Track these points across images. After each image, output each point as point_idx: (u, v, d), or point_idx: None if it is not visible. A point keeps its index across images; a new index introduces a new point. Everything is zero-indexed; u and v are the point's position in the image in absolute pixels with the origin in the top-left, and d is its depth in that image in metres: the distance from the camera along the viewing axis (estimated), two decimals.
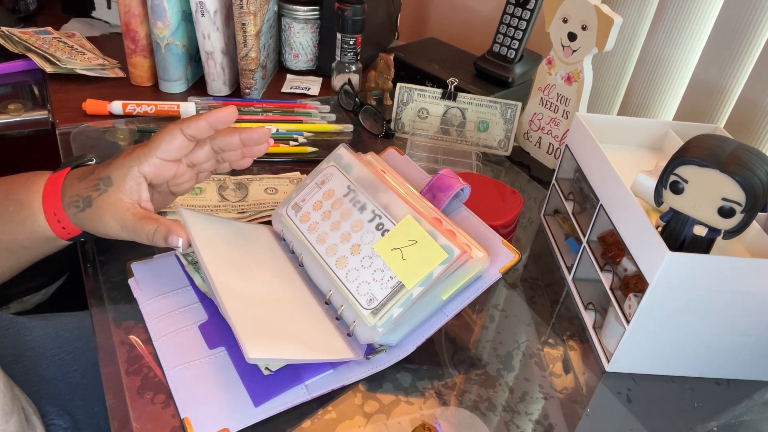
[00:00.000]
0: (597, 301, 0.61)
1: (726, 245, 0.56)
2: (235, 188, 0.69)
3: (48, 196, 0.51)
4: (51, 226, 0.51)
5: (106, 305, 0.54)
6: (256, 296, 0.49)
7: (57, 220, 0.51)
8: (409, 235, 0.49)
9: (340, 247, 0.52)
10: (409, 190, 0.54)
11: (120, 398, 0.46)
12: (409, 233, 0.49)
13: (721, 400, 0.53)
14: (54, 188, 0.51)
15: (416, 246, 0.48)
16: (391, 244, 0.49)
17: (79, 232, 0.52)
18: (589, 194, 0.65)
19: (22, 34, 0.96)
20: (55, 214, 0.51)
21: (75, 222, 0.51)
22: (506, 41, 0.91)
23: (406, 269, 0.48)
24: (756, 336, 0.52)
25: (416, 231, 0.49)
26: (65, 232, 0.52)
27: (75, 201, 0.50)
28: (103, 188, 0.50)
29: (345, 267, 0.51)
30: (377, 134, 0.88)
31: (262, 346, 0.43)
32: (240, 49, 0.86)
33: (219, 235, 0.54)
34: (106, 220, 0.49)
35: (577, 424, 0.50)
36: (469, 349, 0.55)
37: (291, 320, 0.49)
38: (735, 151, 0.46)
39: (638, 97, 0.88)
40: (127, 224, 0.49)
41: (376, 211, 0.52)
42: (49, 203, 0.51)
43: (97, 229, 0.50)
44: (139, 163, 0.50)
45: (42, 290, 0.90)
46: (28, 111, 0.89)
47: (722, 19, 0.75)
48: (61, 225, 0.51)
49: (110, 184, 0.50)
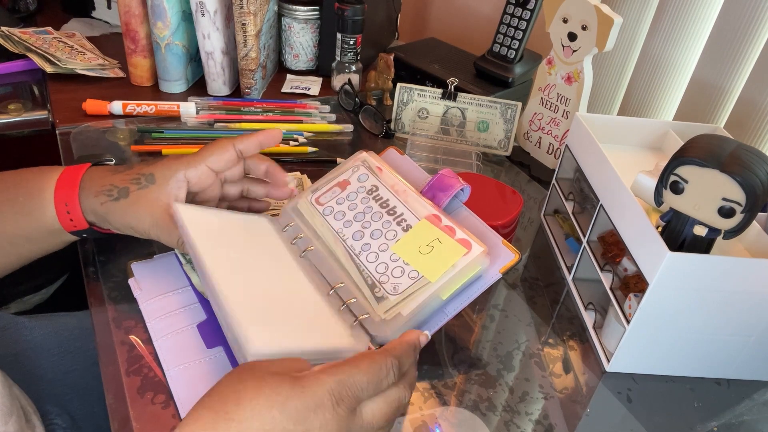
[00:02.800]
0: (597, 301, 0.61)
1: (726, 245, 0.56)
2: None
3: (62, 186, 0.51)
4: (59, 216, 0.51)
5: (106, 305, 0.54)
6: (254, 287, 0.49)
7: (66, 211, 0.51)
8: (428, 235, 0.50)
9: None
10: (409, 190, 0.54)
11: (120, 398, 0.46)
12: (427, 234, 0.50)
13: (721, 400, 0.53)
14: (71, 179, 0.52)
15: (435, 244, 0.49)
16: (414, 243, 0.51)
17: (86, 226, 0.52)
18: (589, 194, 0.65)
19: (22, 34, 0.96)
20: (66, 205, 0.51)
21: (100, 210, 0.51)
22: (506, 41, 0.91)
23: (427, 265, 0.49)
24: (756, 336, 0.52)
25: (433, 232, 0.50)
26: (72, 224, 0.52)
27: (108, 190, 0.51)
28: (145, 183, 0.51)
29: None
30: (377, 134, 0.88)
31: (262, 343, 0.42)
32: (240, 49, 0.86)
33: (214, 227, 0.54)
34: (141, 214, 0.51)
35: (577, 424, 0.50)
36: (469, 349, 0.55)
37: (291, 309, 0.49)
38: (735, 151, 0.46)
39: (638, 97, 0.88)
40: (160, 223, 0.51)
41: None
42: (62, 193, 0.51)
43: (124, 221, 0.51)
44: (186, 167, 0.52)
45: (42, 290, 0.90)
46: (28, 111, 0.89)
47: (722, 19, 0.75)
48: (69, 216, 0.51)
49: (153, 181, 0.51)
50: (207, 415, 0.34)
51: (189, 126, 0.83)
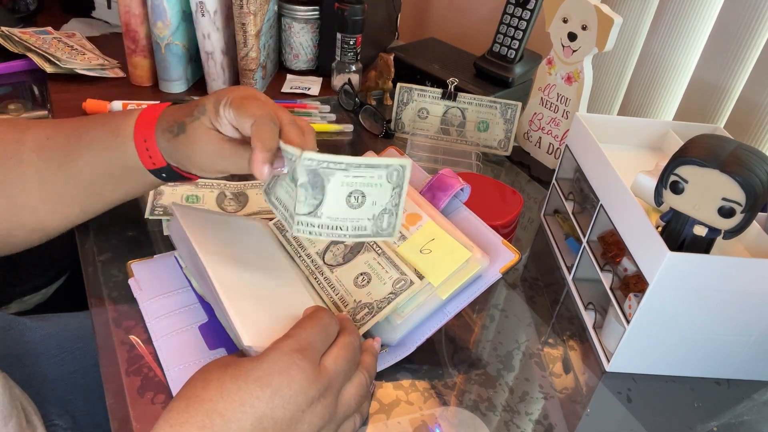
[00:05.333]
0: (597, 301, 0.61)
1: (726, 245, 0.56)
2: (233, 198, 0.67)
3: (141, 122, 0.51)
4: (140, 154, 0.51)
5: (106, 305, 0.54)
6: (251, 286, 0.49)
7: (146, 147, 0.51)
8: (430, 237, 0.50)
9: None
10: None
11: (120, 398, 0.46)
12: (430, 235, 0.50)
13: (721, 400, 0.53)
14: (149, 116, 0.51)
15: (437, 247, 0.49)
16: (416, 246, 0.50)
17: (164, 164, 0.52)
18: (589, 194, 0.65)
19: (22, 34, 0.96)
20: (145, 141, 0.51)
21: (168, 148, 0.50)
22: (506, 41, 0.91)
23: (431, 268, 0.49)
24: (756, 336, 0.52)
25: (436, 232, 0.50)
26: (151, 162, 0.51)
27: (170, 126, 0.50)
28: (197, 115, 0.49)
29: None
30: (377, 134, 0.88)
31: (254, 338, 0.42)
32: (240, 49, 0.86)
33: (212, 226, 0.54)
34: (202, 146, 0.48)
35: (577, 424, 0.50)
36: (469, 349, 0.55)
37: (284, 306, 0.49)
38: (735, 151, 0.46)
39: (638, 97, 0.88)
40: (225, 151, 0.48)
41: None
42: (141, 129, 0.51)
43: (189, 157, 0.49)
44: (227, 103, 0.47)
45: (42, 290, 0.90)
46: (28, 111, 0.88)
47: (722, 19, 0.75)
48: (148, 153, 0.51)
49: (204, 112, 0.49)
50: (181, 402, 0.37)
51: None
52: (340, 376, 0.41)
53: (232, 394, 0.37)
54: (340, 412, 0.41)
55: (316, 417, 0.39)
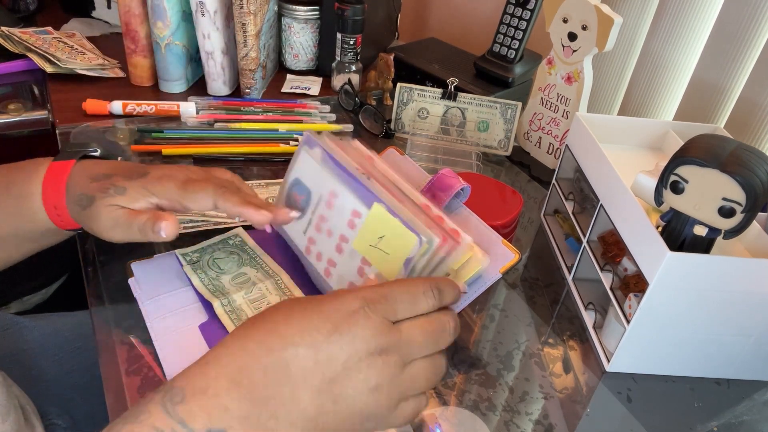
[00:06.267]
0: (597, 301, 0.61)
1: (726, 245, 0.56)
2: None
3: (48, 188, 0.51)
4: (51, 218, 0.51)
5: (106, 305, 0.54)
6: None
7: (57, 214, 0.51)
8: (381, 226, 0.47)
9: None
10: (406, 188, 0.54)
11: (120, 398, 0.46)
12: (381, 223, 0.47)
13: (721, 400, 0.53)
14: (56, 181, 0.51)
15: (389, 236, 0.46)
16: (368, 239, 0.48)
17: (78, 226, 0.52)
18: (589, 194, 0.65)
19: (22, 34, 0.96)
20: (56, 208, 0.51)
21: (77, 218, 0.51)
22: (506, 41, 0.91)
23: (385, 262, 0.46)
24: (756, 336, 0.52)
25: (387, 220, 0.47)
26: (64, 224, 0.52)
27: (79, 200, 0.50)
28: (112, 194, 0.49)
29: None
30: (377, 134, 0.88)
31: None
32: (240, 49, 0.86)
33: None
34: (102, 218, 0.49)
35: (577, 424, 0.50)
36: (469, 349, 0.55)
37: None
38: (735, 151, 0.46)
39: (638, 97, 0.88)
40: (120, 220, 0.48)
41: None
42: (49, 196, 0.50)
43: (92, 228, 0.50)
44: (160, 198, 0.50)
45: (42, 290, 0.90)
46: (28, 111, 0.89)
47: (722, 19, 0.75)
48: (60, 218, 0.51)
49: (123, 193, 0.49)
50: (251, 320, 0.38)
51: (189, 126, 0.83)
52: (414, 346, 0.38)
53: (295, 321, 0.36)
54: (405, 382, 0.38)
55: (374, 371, 0.36)
